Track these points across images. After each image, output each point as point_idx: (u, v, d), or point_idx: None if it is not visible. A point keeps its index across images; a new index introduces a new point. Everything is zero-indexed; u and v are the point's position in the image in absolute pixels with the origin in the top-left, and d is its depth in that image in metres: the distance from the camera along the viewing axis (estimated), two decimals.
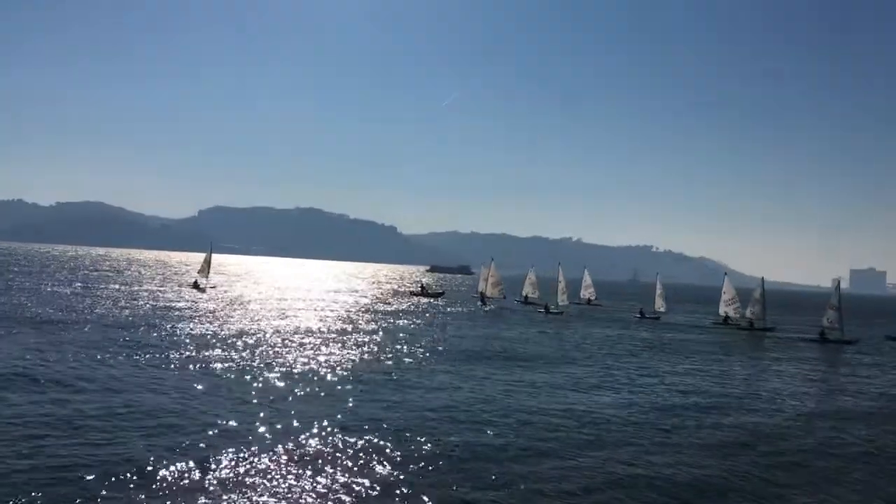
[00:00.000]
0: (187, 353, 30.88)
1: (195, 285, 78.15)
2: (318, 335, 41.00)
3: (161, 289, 75.87)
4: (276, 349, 33.58)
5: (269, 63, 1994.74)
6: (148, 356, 29.46)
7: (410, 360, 33.40)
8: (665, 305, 78.97)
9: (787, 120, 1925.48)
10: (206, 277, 78.16)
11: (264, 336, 38.70)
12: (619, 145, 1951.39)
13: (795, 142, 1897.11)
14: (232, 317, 49.36)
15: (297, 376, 26.75)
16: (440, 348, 38.49)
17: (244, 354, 31.32)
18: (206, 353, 30.93)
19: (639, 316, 75.85)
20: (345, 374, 27.94)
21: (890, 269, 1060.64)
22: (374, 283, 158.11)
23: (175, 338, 35.76)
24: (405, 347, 37.88)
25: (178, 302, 59.40)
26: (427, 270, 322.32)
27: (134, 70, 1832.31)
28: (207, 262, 78.72)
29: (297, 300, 72.57)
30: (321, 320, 51.20)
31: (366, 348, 36.37)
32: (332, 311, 61.86)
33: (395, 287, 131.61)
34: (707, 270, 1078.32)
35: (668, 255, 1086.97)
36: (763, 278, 68.75)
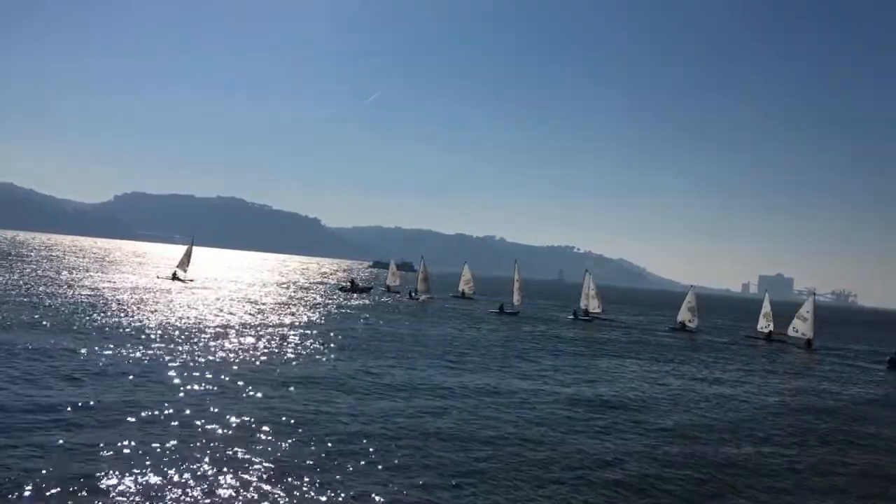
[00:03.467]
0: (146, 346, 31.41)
1: (174, 277, 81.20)
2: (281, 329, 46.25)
3: (141, 281, 78.56)
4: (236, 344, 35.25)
5: (194, 47, 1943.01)
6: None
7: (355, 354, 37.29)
8: (601, 305, 77.67)
9: (701, 128, 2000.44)
10: (185, 270, 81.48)
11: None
12: (541, 145, 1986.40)
13: (710, 148, 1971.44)
14: (221, 309, 54.37)
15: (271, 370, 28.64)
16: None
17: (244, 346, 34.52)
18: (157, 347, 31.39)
19: (572, 317, 76.95)
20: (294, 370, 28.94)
21: (797, 276, 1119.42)
22: (308, 276, 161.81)
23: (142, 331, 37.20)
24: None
25: (166, 295, 63.49)
26: (370, 266, 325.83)
27: (50, 45, 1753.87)
28: (188, 255, 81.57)
29: (263, 294, 77.78)
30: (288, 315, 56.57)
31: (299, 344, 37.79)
32: (279, 305, 67.03)
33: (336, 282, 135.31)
34: (625, 272, 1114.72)
35: (588, 256, 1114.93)
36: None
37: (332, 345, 38.08)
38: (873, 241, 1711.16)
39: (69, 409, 19.66)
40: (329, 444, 18.49)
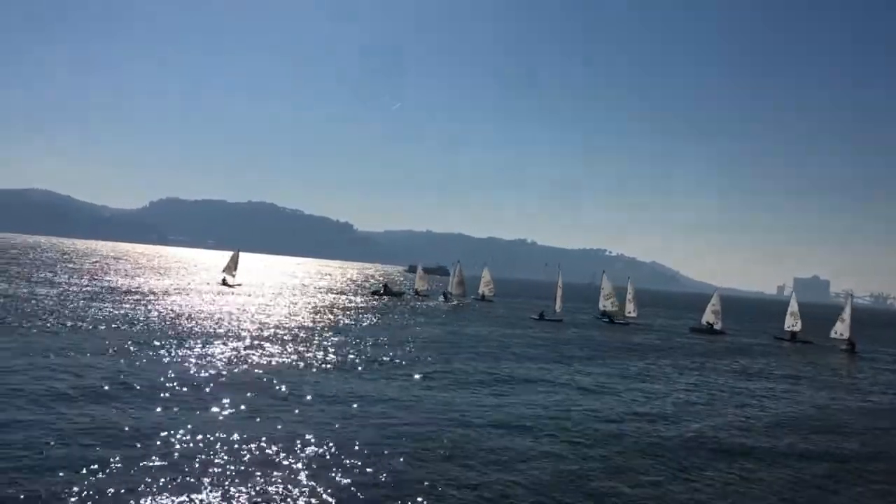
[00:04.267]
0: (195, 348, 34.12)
1: (224, 283, 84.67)
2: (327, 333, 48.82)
3: (194, 287, 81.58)
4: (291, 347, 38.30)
5: (228, 56, 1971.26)
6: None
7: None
8: (636, 310, 79.17)
9: (734, 128, 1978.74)
10: (233, 275, 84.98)
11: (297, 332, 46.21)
12: (573, 147, 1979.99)
13: (743, 149, 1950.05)
14: (271, 313, 57.16)
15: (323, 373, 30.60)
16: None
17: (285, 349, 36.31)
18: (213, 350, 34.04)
19: (607, 321, 76.86)
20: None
21: (834, 279, 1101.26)
22: (348, 281, 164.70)
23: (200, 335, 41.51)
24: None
25: (217, 299, 66.67)
26: (405, 270, 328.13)
27: (85, 57, 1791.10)
28: (234, 261, 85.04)
29: (304, 298, 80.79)
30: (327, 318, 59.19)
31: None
32: (322, 308, 69.77)
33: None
34: (659, 275, 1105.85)
35: (620, 259, 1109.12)
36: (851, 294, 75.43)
37: (408, 347, 40.63)
38: None
39: (144, 406, 21.79)
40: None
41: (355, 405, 24.02)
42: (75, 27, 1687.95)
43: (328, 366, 31.98)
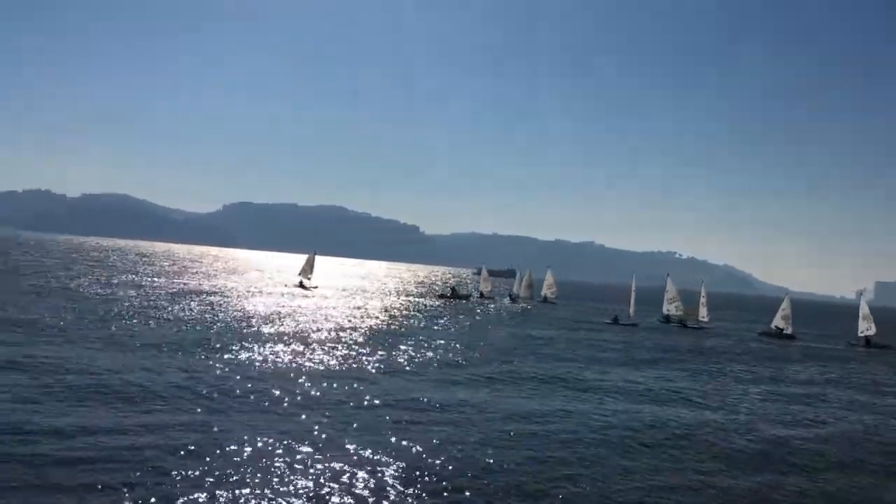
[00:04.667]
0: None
1: (300, 285, 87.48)
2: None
3: (272, 290, 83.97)
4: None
5: (298, 61, 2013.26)
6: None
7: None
8: (708, 314, 78.57)
9: (814, 129, 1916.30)
10: (309, 277, 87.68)
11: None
12: (642, 148, 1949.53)
13: (820, 151, 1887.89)
14: (351, 315, 59.14)
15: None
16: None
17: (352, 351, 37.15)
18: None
19: (677, 325, 76.20)
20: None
21: None
22: (422, 283, 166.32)
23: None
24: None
25: (293, 301, 69.19)
26: (475, 273, 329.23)
27: (164, 67, 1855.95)
28: (310, 264, 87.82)
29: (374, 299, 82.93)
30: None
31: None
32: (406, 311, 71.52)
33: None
34: (732, 279, 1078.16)
35: (691, 261, 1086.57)
36: None
37: (492, 348, 41.87)
38: None
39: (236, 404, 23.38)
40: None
41: (454, 412, 24.35)
42: (155, 37, 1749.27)
43: (410, 368, 33.17)
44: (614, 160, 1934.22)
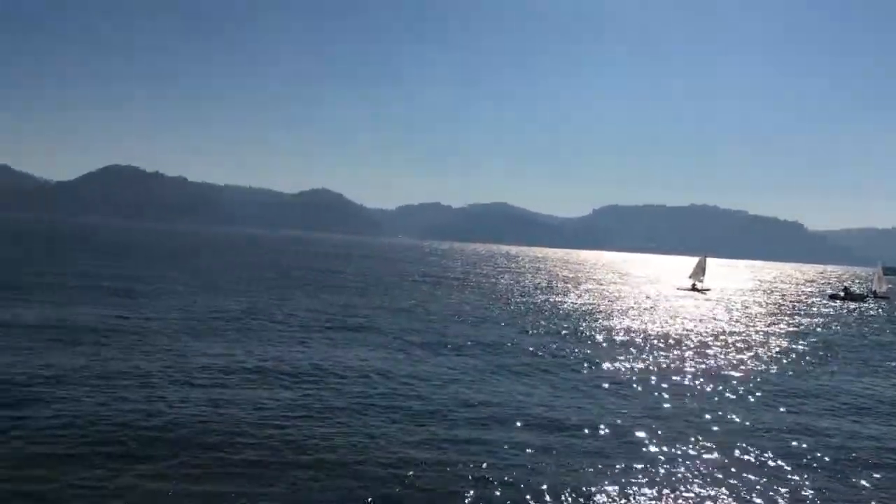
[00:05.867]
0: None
1: (693, 288, 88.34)
2: None
3: (669, 293, 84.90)
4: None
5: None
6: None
7: None
8: None
9: None
10: (702, 280, 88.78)
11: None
12: None
13: None
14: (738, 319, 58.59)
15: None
16: None
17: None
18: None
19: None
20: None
21: None
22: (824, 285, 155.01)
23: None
24: None
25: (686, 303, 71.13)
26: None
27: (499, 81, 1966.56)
28: (702, 266, 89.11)
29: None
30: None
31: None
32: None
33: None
34: None
35: None
36: None
37: None
38: None
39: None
40: None
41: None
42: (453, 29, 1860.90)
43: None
44: None
